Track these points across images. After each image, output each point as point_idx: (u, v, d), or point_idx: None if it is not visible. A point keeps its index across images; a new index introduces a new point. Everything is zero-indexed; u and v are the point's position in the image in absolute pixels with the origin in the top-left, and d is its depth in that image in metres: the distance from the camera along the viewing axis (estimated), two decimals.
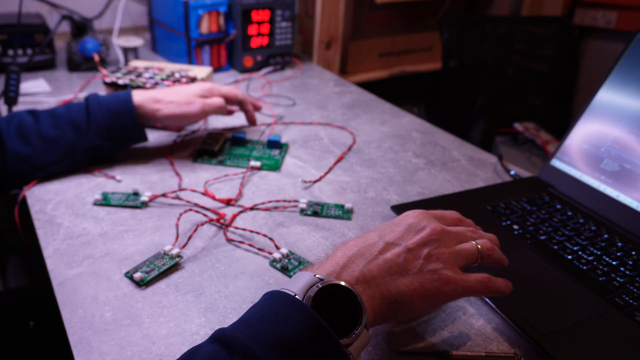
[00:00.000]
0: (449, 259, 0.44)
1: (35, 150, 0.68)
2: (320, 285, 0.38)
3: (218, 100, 0.77)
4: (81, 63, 1.10)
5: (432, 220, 0.47)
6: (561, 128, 1.43)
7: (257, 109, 0.86)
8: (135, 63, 0.99)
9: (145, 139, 0.75)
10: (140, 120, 0.73)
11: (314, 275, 0.39)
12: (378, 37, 1.49)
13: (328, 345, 0.36)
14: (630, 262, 0.58)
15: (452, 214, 0.51)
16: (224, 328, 0.37)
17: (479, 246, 0.47)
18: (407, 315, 0.44)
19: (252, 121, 0.85)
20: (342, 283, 0.39)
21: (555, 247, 0.60)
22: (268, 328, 0.36)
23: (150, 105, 0.73)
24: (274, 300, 0.38)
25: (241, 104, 0.83)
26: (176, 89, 0.76)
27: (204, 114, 0.76)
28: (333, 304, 0.38)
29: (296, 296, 0.38)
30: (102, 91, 0.98)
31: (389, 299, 0.41)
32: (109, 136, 0.70)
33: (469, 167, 0.81)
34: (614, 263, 0.58)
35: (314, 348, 0.35)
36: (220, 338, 0.36)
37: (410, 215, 0.47)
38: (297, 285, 0.39)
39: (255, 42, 1.14)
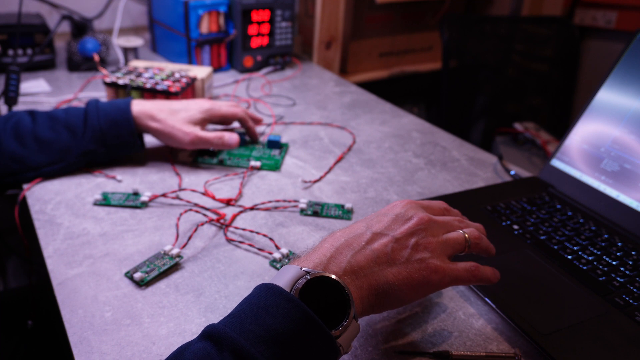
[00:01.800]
0: (437, 248, 0.45)
1: (29, 150, 0.68)
2: (308, 278, 0.38)
3: (213, 137, 0.74)
4: (81, 63, 1.10)
5: (420, 210, 0.47)
6: (561, 128, 1.43)
7: (258, 122, 0.84)
8: (135, 63, 0.99)
9: (141, 149, 0.74)
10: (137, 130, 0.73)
11: (301, 268, 0.39)
12: (378, 37, 1.49)
13: (317, 336, 0.36)
14: (630, 262, 0.58)
15: (439, 203, 0.51)
16: (214, 324, 0.37)
17: (466, 235, 0.47)
18: (396, 305, 0.44)
19: (254, 138, 0.83)
20: (330, 275, 0.39)
21: (555, 247, 0.60)
22: (257, 321, 0.36)
23: (145, 120, 0.72)
24: (262, 294, 0.38)
25: (241, 122, 0.81)
26: (178, 107, 0.74)
27: (193, 146, 0.73)
28: (321, 295, 0.38)
29: (283, 289, 0.38)
30: (102, 91, 0.98)
31: (377, 289, 0.41)
32: (104, 142, 0.70)
33: (469, 167, 0.81)
34: (614, 263, 0.58)
35: (304, 340, 0.35)
36: (209, 334, 0.36)
37: (398, 205, 0.47)
38: (284, 278, 0.39)
39: (255, 42, 1.14)
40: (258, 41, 1.14)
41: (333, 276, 0.39)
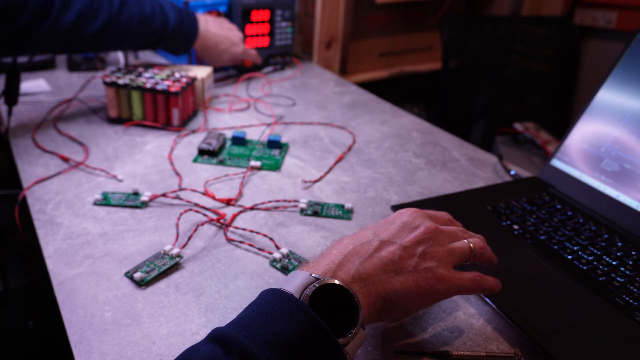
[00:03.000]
0: (443, 257, 0.45)
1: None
2: (317, 285, 0.38)
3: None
4: (81, 63, 1.10)
5: (426, 219, 0.47)
6: (561, 128, 1.43)
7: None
8: (135, 63, 0.99)
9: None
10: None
11: (310, 275, 0.39)
12: (378, 37, 1.49)
13: (326, 344, 0.36)
14: (630, 262, 0.58)
15: (444, 214, 0.52)
16: (221, 327, 0.37)
17: (471, 245, 0.48)
18: (402, 313, 0.44)
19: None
20: (339, 283, 0.39)
21: (555, 247, 0.60)
22: (266, 326, 0.36)
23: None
24: (271, 299, 0.38)
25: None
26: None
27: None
28: (329, 302, 0.38)
29: (293, 295, 0.38)
30: (102, 91, 0.99)
31: (384, 297, 0.41)
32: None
33: (469, 167, 0.81)
34: (614, 263, 0.58)
35: (312, 347, 0.35)
36: (217, 337, 0.36)
37: (405, 214, 0.48)
38: (293, 284, 0.39)
39: (255, 42, 1.13)
40: (258, 41, 1.14)
41: (342, 284, 0.39)
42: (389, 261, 0.43)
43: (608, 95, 0.70)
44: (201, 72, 0.95)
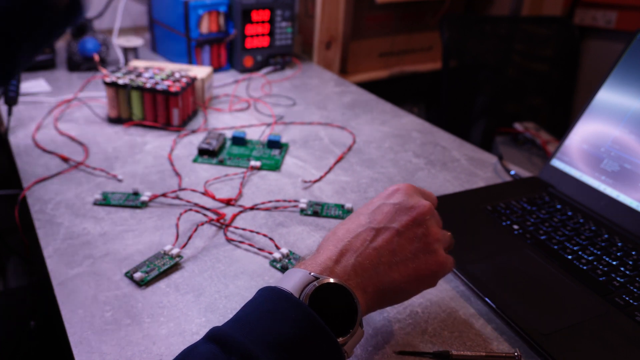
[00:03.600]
0: (439, 239, 0.45)
1: None
2: (316, 284, 0.38)
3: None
4: (81, 63, 1.10)
5: (420, 197, 0.47)
6: (561, 128, 1.43)
7: None
8: (135, 63, 0.99)
9: None
10: None
11: (309, 273, 0.39)
12: (378, 37, 1.49)
13: (325, 344, 0.36)
14: (630, 262, 0.58)
15: (432, 194, 0.51)
16: (219, 327, 0.37)
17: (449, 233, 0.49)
18: (402, 299, 0.45)
19: None
20: (338, 282, 0.39)
21: (555, 247, 0.60)
22: (265, 326, 0.35)
23: None
24: (269, 298, 0.37)
25: None
26: None
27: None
28: (327, 300, 0.38)
29: (292, 294, 0.37)
30: (102, 91, 0.98)
31: (382, 290, 0.41)
32: None
33: (469, 167, 0.81)
34: (614, 263, 0.57)
35: (311, 347, 0.35)
36: (216, 337, 0.36)
37: (400, 192, 0.47)
38: (291, 282, 0.38)
39: (255, 42, 1.13)
40: (258, 41, 1.14)
41: (341, 283, 0.39)
42: (385, 250, 0.42)
43: (608, 95, 0.70)
44: (201, 72, 0.95)
